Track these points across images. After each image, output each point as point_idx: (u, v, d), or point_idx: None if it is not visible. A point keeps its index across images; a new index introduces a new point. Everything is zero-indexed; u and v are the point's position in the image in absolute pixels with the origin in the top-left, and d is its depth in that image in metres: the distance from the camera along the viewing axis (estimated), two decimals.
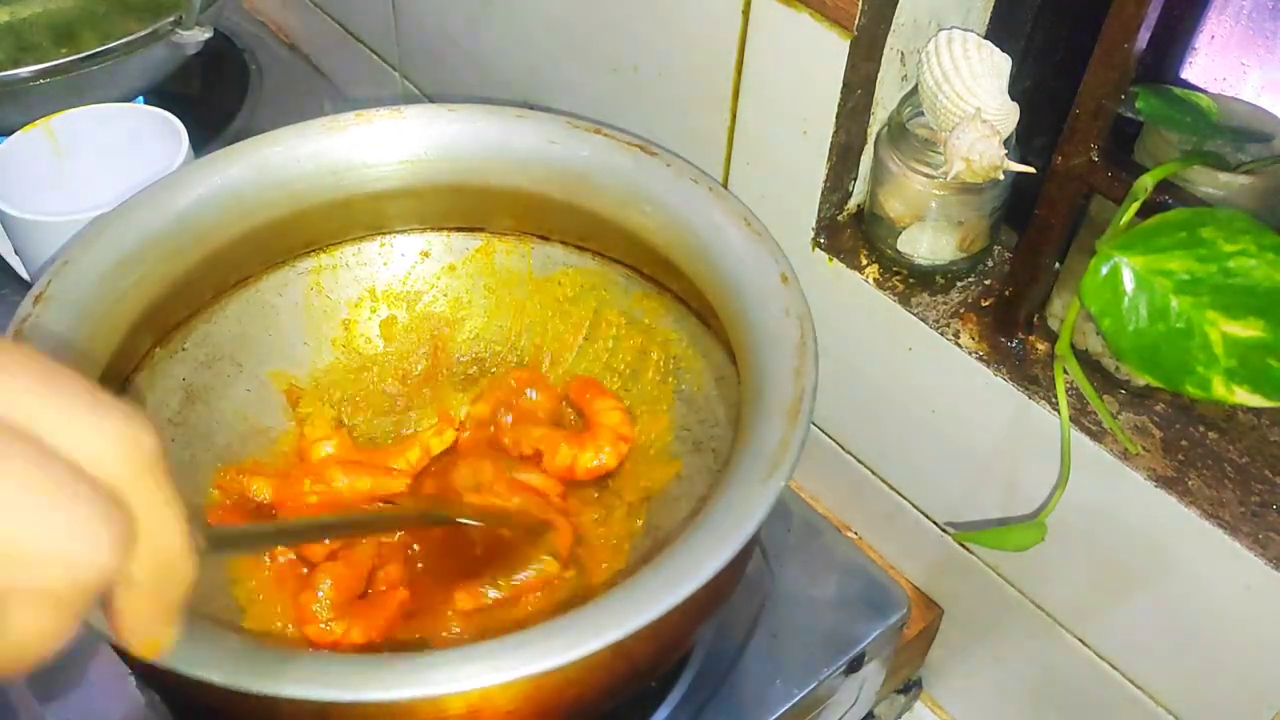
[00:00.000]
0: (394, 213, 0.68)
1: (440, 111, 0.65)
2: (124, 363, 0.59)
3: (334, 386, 0.68)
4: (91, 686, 0.63)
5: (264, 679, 0.42)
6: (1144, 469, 0.54)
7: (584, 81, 0.75)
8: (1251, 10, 0.54)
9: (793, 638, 0.66)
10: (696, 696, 0.63)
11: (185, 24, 0.86)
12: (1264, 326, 0.44)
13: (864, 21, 0.55)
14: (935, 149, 0.57)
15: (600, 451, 0.64)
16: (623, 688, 0.53)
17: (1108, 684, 0.62)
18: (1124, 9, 0.46)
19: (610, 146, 0.63)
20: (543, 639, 0.43)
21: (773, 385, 0.52)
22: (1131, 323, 0.45)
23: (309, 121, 0.64)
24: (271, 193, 0.63)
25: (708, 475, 0.61)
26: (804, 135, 0.61)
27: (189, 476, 0.62)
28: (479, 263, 0.70)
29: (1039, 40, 0.61)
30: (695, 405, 0.64)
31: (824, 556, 0.71)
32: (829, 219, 0.64)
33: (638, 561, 0.59)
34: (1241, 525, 0.51)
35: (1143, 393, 0.56)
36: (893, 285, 0.62)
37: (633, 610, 0.44)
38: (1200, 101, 0.51)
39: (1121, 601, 0.58)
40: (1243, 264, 0.44)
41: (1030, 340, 0.59)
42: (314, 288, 0.68)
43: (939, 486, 0.66)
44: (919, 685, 0.78)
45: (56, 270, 0.56)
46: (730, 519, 0.47)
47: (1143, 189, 0.48)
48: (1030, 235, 0.55)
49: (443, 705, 0.45)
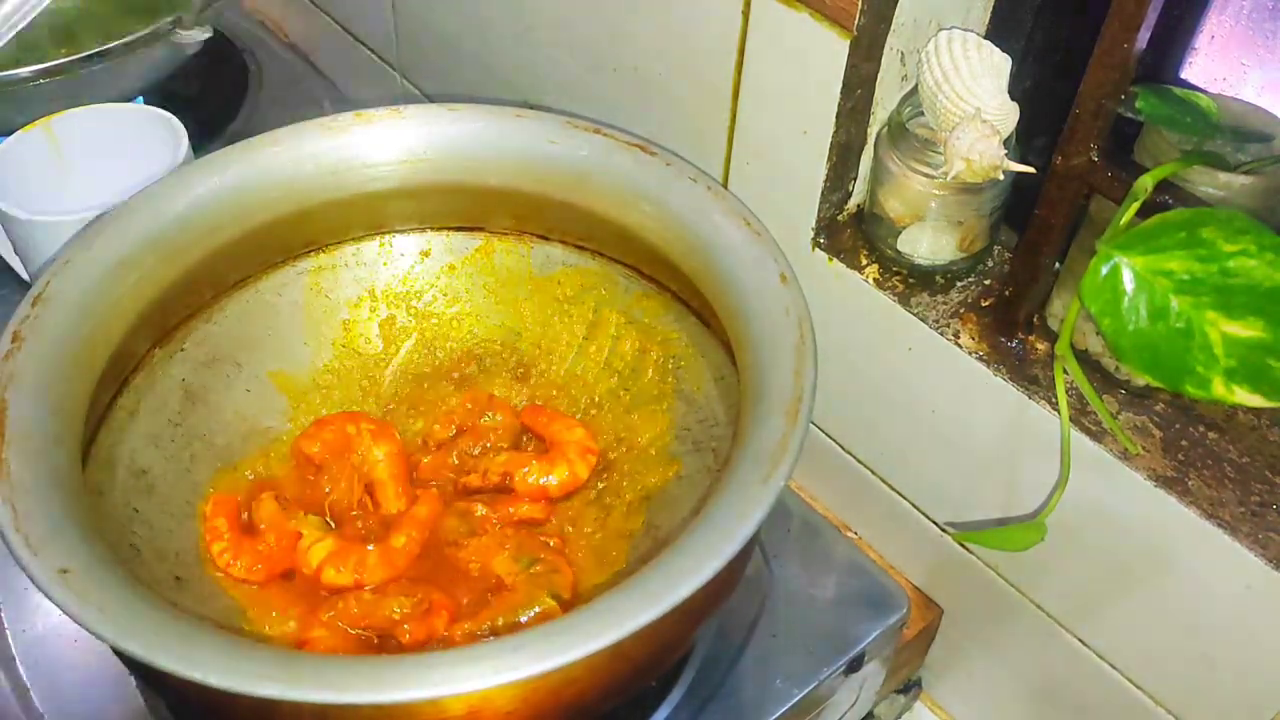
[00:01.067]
0: (393, 212, 0.68)
1: (440, 111, 0.65)
2: (123, 363, 0.59)
3: (334, 387, 0.68)
4: (91, 686, 0.63)
5: (264, 680, 0.42)
6: (1144, 469, 0.54)
7: (584, 81, 0.75)
8: (1251, 10, 0.54)
9: (793, 638, 0.66)
10: (696, 696, 0.63)
11: (185, 24, 0.86)
12: (1264, 326, 0.44)
13: (864, 21, 0.55)
14: (935, 149, 0.57)
15: (572, 465, 0.64)
16: (623, 688, 0.53)
17: (1108, 684, 0.62)
18: (1124, 9, 0.46)
19: (610, 146, 0.63)
20: (543, 639, 0.43)
21: (772, 385, 0.52)
22: (1131, 323, 0.45)
23: (308, 121, 0.64)
24: (271, 193, 0.63)
25: (707, 475, 0.61)
26: (804, 135, 0.61)
27: (188, 477, 0.62)
28: (478, 262, 0.70)
29: (1039, 40, 0.61)
30: (695, 405, 0.64)
31: (824, 556, 0.71)
32: (829, 219, 0.64)
33: (638, 561, 0.59)
34: (1241, 525, 0.51)
35: (1143, 393, 0.56)
36: (892, 285, 0.62)
37: (633, 610, 0.44)
38: (1200, 101, 0.51)
39: (1121, 601, 0.58)
40: (1243, 264, 0.44)
41: (1030, 340, 0.59)
42: (313, 288, 0.68)
43: (939, 486, 0.66)
44: (919, 685, 0.78)
45: (56, 270, 0.56)
46: (730, 519, 0.47)
47: (1143, 189, 0.48)
48: (1030, 235, 0.55)
49: (443, 706, 0.45)
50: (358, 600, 0.58)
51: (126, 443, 0.59)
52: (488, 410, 0.67)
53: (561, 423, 0.66)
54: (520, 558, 0.60)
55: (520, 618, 0.57)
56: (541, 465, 0.64)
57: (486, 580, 0.60)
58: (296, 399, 0.67)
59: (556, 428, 0.66)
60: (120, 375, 0.59)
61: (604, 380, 0.68)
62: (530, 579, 0.59)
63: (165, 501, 0.60)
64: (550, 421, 0.67)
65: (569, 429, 0.66)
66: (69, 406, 0.53)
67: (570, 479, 0.64)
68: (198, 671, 0.42)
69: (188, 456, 0.62)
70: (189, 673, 0.42)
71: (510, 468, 0.64)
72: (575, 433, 0.66)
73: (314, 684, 0.42)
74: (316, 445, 0.65)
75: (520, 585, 0.59)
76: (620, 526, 0.63)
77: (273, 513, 0.62)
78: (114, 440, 0.59)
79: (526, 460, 0.64)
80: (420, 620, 0.58)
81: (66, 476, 0.50)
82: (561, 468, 0.64)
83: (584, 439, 0.65)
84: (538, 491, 0.64)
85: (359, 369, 0.69)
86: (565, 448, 0.65)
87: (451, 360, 0.70)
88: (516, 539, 0.62)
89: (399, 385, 0.70)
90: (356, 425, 0.66)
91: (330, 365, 0.69)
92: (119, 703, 0.62)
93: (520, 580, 0.59)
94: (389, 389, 0.70)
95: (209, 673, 0.42)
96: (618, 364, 0.68)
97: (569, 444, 0.65)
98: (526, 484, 0.64)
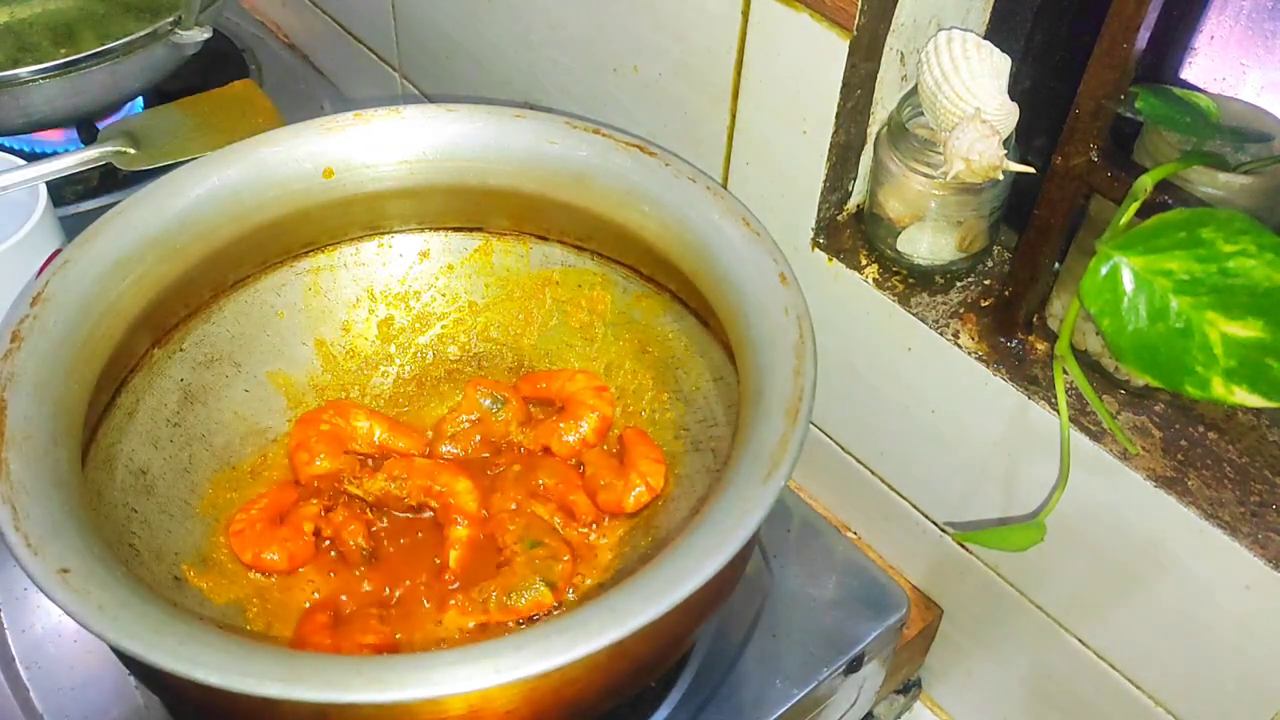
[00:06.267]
0: (392, 213, 0.68)
1: (439, 111, 0.65)
2: (122, 363, 0.59)
3: (332, 387, 0.68)
4: (91, 686, 0.63)
5: (263, 679, 0.42)
6: (1143, 469, 0.54)
7: (584, 81, 0.75)
8: (1251, 10, 0.54)
9: (792, 638, 0.66)
10: (696, 696, 0.63)
11: (185, 24, 0.86)
12: (1263, 326, 0.44)
13: (864, 21, 0.55)
14: (935, 149, 0.57)
15: (593, 409, 0.66)
16: (623, 687, 0.53)
17: (1107, 684, 0.62)
18: (1124, 9, 0.46)
19: (609, 146, 0.63)
20: (543, 639, 0.43)
21: (772, 385, 0.52)
22: (1131, 323, 0.45)
23: (307, 122, 0.64)
24: (270, 193, 0.63)
25: (707, 475, 0.61)
26: (804, 135, 0.61)
27: (187, 477, 0.62)
28: (478, 262, 0.70)
29: (1039, 40, 0.61)
30: (694, 405, 0.64)
31: (824, 556, 0.71)
32: (828, 219, 0.64)
33: (638, 561, 0.59)
34: (1241, 525, 0.51)
35: (1142, 393, 0.56)
36: (892, 285, 0.62)
37: (633, 610, 0.44)
38: (1200, 101, 0.51)
39: (1121, 601, 0.58)
40: (1242, 264, 0.44)
41: (1030, 340, 0.59)
42: (312, 288, 0.68)
43: (939, 486, 0.66)
44: (918, 685, 0.78)
45: (55, 270, 0.56)
46: (730, 519, 0.47)
47: (1142, 189, 0.48)
48: (1030, 235, 0.55)
49: (443, 706, 0.45)
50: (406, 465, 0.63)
51: (125, 443, 0.59)
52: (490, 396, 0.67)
53: (560, 378, 0.67)
54: (525, 538, 0.60)
55: (512, 599, 0.58)
56: (566, 424, 0.65)
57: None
58: (295, 399, 0.67)
59: (558, 385, 0.67)
60: (119, 375, 0.59)
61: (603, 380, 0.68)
62: (529, 560, 0.59)
63: (164, 501, 0.60)
64: (549, 382, 0.67)
65: (570, 380, 0.67)
66: (69, 406, 0.53)
67: (600, 422, 0.65)
68: (198, 671, 0.42)
69: (186, 457, 0.62)
70: (189, 672, 0.42)
71: (540, 440, 0.65)
72: (578, 381, 0.67)
73: (314, 683, 0.42)
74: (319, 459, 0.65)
75: (519, 565, 0.59)
76: (620, 526, 0.63)
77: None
78: (113, 440, 0.59)
79: (552, 428, 0.65)
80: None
81: (66, 476, 0.50)
82: (586, 417, 0.65)
83: (588, 382, 0.66)
84: (578, 446, 0.65)
85: (358, 369, 0.69)
86: (578, 397, 0.66)
87: (450, 361, 0.70)
88: (526, 518, 0.62)
89: (398, 386, 0.70)
90: (328, 421, 0.66)
91: (329, 365, 0.69)
92: (119, 703, 0.62)
93: (520, 560, 0.60)
94: (388, 389, 0.70)
95: (209, 673, 0.42)
96: (617, 364, 0.68)
97: (579, 392, 0.66)
98: (566, 446, 0.65)
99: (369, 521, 0.62)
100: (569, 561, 0.60)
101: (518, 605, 0.58)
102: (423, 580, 0.61)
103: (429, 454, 0.66)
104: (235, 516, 0.62)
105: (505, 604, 0.58)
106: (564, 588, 0.59)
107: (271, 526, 0.61)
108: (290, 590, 0.60)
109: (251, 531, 0.61)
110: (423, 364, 0.70)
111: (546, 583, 0.58)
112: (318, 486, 0.64)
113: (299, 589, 0.60)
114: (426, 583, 0.60)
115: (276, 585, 0.60)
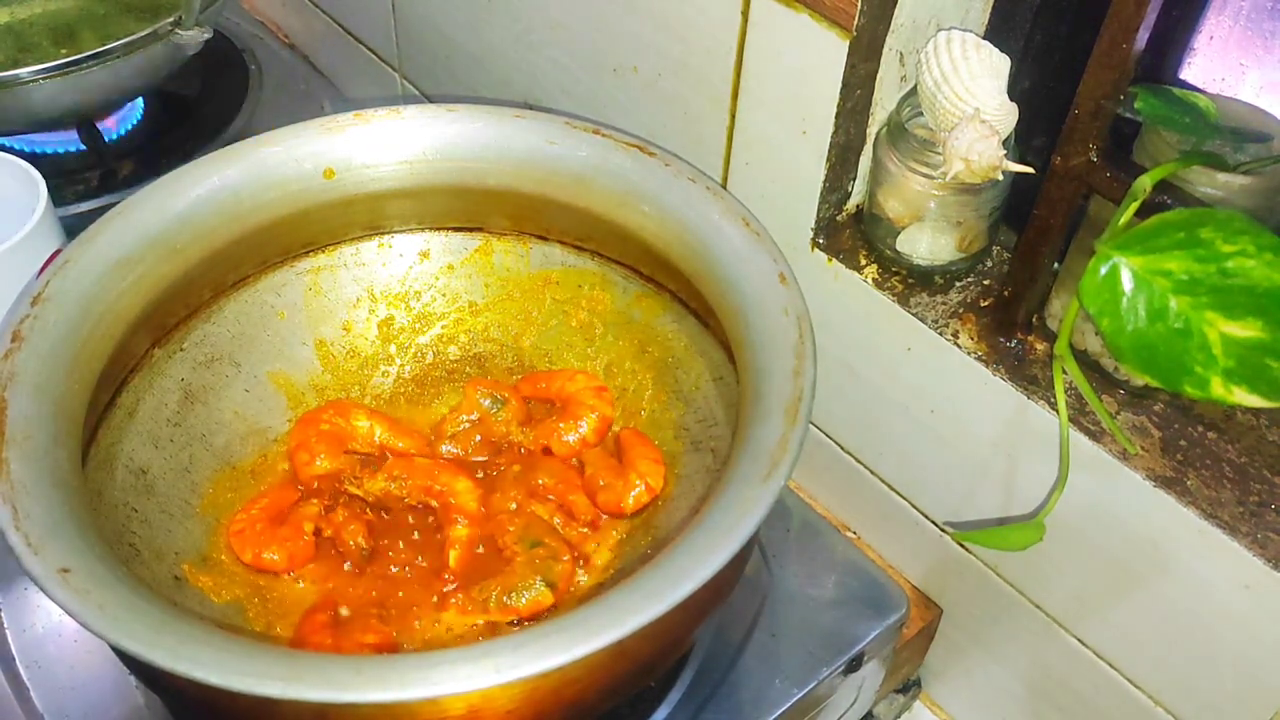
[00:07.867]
0: (393, 213, 0.68)
1: (439, 111, 0.65)
2: (122, 363, 0.59)
3: (332, 387, 0.68)
4: (91, 686, 0.63)
5: (264, 679, 0.42)
6: (1143, 469, 0.54)
7: (584, 81, 0.75)
8: (1250, 11, 0.54)
9: (792, 637, 0.66)
10: (696, 696, 0.63)
11: (185, 24, 0.86)
12: (1262, 326, 0.44)
13: (863, 21, 0.55)
14: (934, 149, 0.57)
15: (592, 409, 0.65)
16: (623, 687, 0.53)
17: (1107, 684, 0.62)
18: (1124, 9, 0.47)
19: (609, 146, 0.63)
20: (543, 639, 0.43)
21: (771, 385, 0.52)
22: (1130, 323, 0.45)
23: (307, 122, 0.64)
24: (270, 193, 0.63)
25: (707, 475, 0.61)
26: (803, 135, 0.61)
27: (187, 477, 0.62)
28: (478, 262, 0.70)
29: (1038, 40, 0.61)
30: (694, 405, 0.64)
31: (823, 556, 0.71)
32: (828, 219, 0.64)
33: (637, 561, 0.59)
34: (1240, 525, 0.51)
35: (1141, 393, 0.56)
36: (892, 285, 0.62)
37: (633, 610, 0.44)
38: (1199, 102, 0.51)
39: (1120, 601, 0.59)
40: (1241, 264, 0.44)
41: (1029, 340, 0.59)
42: (312, 288, 0.68)
43: (938, 486, 0.66)
44: (918, 685, 0.78)
45: (55, 270, 0.56)
46: (729, 519, 0.47)
47: (1142, 189, 0.48)
48: (1029, 235, 0.55)
49: (443, 705, 0.45)
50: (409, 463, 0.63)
51: (126, 442, 0.59)
52: (489, 396, 0.67)
53: (560, 378, 0.67)
54: (525, 538, 0.61)
55: (512, 599, 0.58)
56: (566, 424, 0.65)
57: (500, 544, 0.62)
58: (295, 399, 0.67)
59: (558, 385, 0.67)
60: (120, 375, 0.59)
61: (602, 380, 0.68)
62: (529, 560, 0.60)
63: (164, 501, 0.60)
64: (549, 383, 0.67)
65: (570, 380, 0.67)
66: (69, 406, 0.53)
67: (600, 422, 0.65)
68: (198, 671, 0.42)
69: (187, 456, 0.62)
70: (189, 672, 0.42)
71: (540, 440, 0.65)
72: (577, 381, 0.66)
73: (314, 683, 0.42)
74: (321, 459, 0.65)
75: (519, 565, 0.59)
76: (620, 526, 0.63)
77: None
78: (113, 440, 0.59)
79: (552, 428, 0.65)
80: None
81: (66, 476, 0.50)
82: (586, 417, 0.65)
83: (587, 383, 0.66)
84: (577, 446, 0.65)
85: (358, 369, 0.69)
86: (577, 397, 0.66)
87: (450, 361, 0.70)
88: (526, 518, 0.62)
89: (398, 386, 0.70)
90: (328, 421, 0.66)
91: (329, 365, 0.69)
92: (119, 703, 0.62)
93: (520, 560, 0.60)
94: (388, 389, 0.70)
95: (209, 672, 0.42)
96: (617, 364, 0.68)
97: (579, 392, 0.66)
98: (565, 447, 0.65)
99: (369, 521, 0.62)
100: (569, 561, 0.60)
101: (518, 605, 0.58)
102: (423, 580, 0.61)
103: (429, 454, 0.66)
104: (235, 516, 0.62)
105: (505, 604, 0.58)
106: (564, 587, 0.59)
107: (272, 526, 0.61)
108: (290, 590, 0.60)
109: (252, 531, 0.61)
110: (423, 364, 0.70)
111: (546, 582, 0.58)
112: (318, 486, 0.64)
113: (299, 589, 0.60)
114: (426, 583, 0.60)
115: (277, 585, 0.60)
